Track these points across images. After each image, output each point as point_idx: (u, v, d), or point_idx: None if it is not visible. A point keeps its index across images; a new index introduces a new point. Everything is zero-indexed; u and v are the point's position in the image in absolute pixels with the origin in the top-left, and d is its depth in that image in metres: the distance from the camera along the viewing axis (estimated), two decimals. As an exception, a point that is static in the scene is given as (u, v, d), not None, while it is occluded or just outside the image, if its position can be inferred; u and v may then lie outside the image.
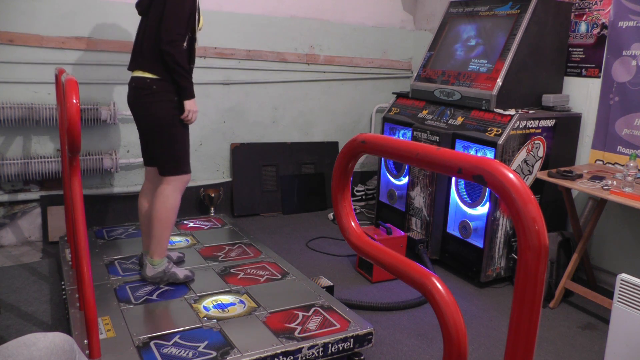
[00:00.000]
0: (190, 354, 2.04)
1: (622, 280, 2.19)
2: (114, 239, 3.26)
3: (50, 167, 3.41)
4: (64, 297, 2.66)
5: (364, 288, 3.12)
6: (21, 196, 3.50)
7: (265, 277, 2.81)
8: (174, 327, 2.25)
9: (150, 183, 2.76)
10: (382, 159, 3.91)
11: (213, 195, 4.05)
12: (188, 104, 2.53)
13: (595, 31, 3.27)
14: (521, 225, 0.79)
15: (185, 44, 2.47)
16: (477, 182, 0.86)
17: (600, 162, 3.26)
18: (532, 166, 3.15)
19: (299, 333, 2.21)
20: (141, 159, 3.80)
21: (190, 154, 2.67)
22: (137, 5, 2.64)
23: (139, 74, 2.53)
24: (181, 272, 2.69)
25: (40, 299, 2.78)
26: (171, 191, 2.57)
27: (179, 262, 2.92)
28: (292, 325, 2.28)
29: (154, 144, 2.60)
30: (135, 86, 2.54)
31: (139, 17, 2.66)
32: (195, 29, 2.54)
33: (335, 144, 4.74)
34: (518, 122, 3.01)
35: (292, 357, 2.09)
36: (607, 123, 3.21)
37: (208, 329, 2.24)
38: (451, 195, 3.32)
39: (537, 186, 3.16)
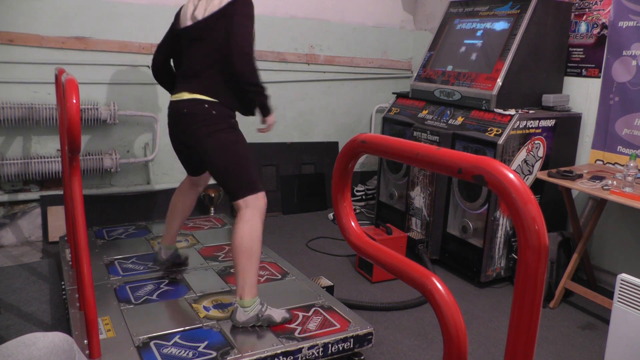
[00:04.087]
0: (190, 354, 2.04)
1: (622, 280, 2.19)
2: (114, 239, 3.26)
3: (50, 167, 3.41)
4: (64, 297, 2.66)
5: (364, 288, 3.12)
6: (21, 196, 3.50)
7: (265, 277, 2.81)
8: (174, 327, 2.25)
9: (190, 182, 2.69)
10: (382, 158, 3.90)
11: (213, 195, 4.05)
12: (269, 119, 2.44)
13: (595, 31, 3.27)
14: (521, 225, 0.79)
15: None
16: (477, 182, 0.86)
17: (600, 162, 3.26)
18: (532, 166, 3.15)
19: (299, 333, 2.21)
20: (141, 159, 3.83)
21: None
22: (191, 30, 2.33)
23: (192, 96, 2.27)
24: (278, 315, 2.29)
25: (40, 299, 2.78)
26: (251, 215, 2.24)
27: (180, 262, 2.90)
28: (292, 325, 2.28)
29: (220, 172, 2.32)
30: (188, 112, 2.28)
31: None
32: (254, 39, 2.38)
33: (335, 144, 4.74)
34: (518, 122, 3.01)
35: (292, 357, 2.09)
36: (607, 123, 3.21)
37: (208, 329, 2.24)
38: (451, 195, 3.32)
39: (537, 186, 3.16)
